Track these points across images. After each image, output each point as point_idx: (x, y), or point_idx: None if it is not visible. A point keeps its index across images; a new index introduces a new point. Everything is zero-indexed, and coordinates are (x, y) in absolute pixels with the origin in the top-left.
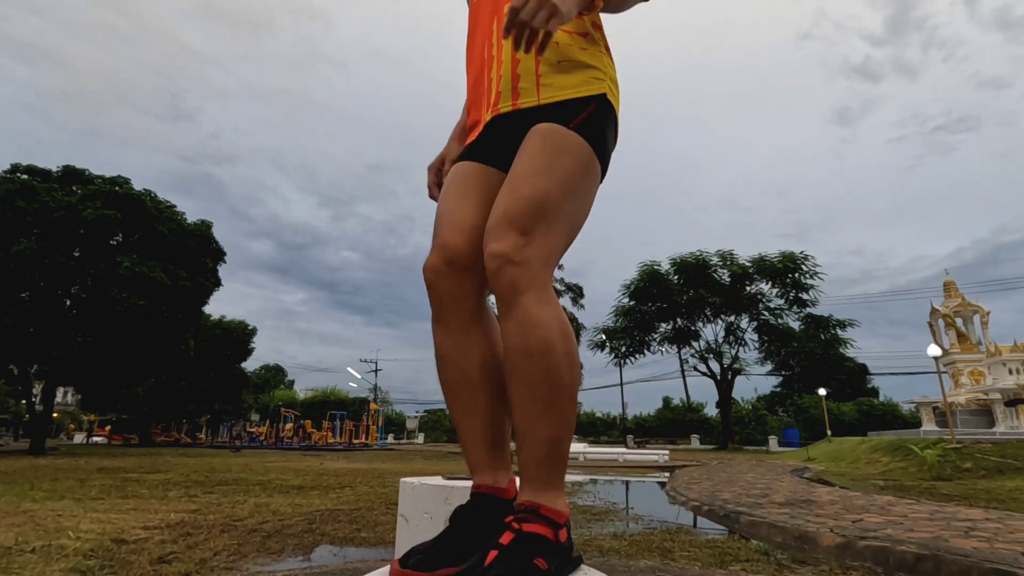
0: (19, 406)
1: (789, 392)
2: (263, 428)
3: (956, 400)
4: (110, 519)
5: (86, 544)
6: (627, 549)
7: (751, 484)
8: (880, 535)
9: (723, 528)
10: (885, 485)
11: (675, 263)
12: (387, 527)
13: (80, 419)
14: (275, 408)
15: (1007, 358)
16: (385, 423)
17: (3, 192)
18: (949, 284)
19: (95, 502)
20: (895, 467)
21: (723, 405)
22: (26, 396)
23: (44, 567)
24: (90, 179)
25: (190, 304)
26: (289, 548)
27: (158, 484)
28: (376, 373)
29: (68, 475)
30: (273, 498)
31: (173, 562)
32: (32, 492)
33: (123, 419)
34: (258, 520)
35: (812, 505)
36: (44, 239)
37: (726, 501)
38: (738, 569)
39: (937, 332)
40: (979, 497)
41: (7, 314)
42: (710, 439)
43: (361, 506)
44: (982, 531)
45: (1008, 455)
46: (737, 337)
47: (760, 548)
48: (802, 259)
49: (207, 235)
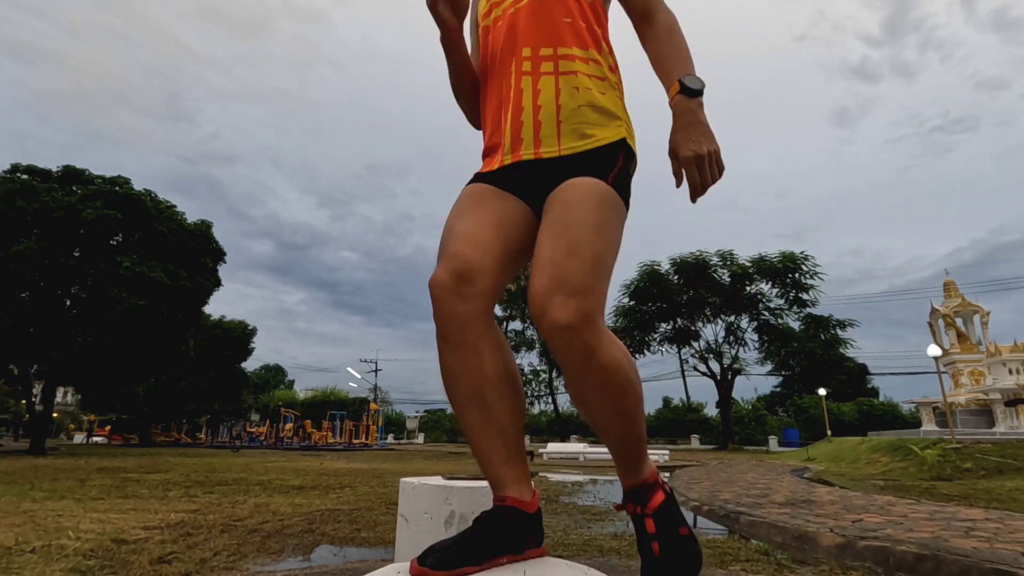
0: (19, 406)
1: (789, 392)
2: (263, 428)
3: (956, 400)
4: (110, 519)
5: (86, 544)
6: (627, 549)
7: (751, 484)
8: (880, 535)
9: (723, 528)
10: (885, 485)
11: (675, 263)
12: (387, 527)
13: (80, 419)
14: (275, 408)
15: (1007, 358)
16: (385, 423)
17: (3, 192)
18: (949, 284)
19: (95, 502)
20: (895, 467)
21: (723, 405)
22: (26, 396)
23: (44, 567)
24: (90, 179)
25: (190, 304)
26: (289, 548)
27: (158, 484)
28: (376, 373)
29: (68, 475)
30: (273, 498)
31: (173, 562)
32: (32, 492)
33: (123, 419)
34: (258, 520)
35: (812, 505)
36: (44, 239)
37: (726, 501)
38: (738, 569)
39: (937, 332)
40: (979, 497)
41: (7, 314)
42: (710, 439)
43: (361, 506)
44: (982, 531)
45: (1008, 455)
46: (737, 337)
47: (760, 548)
48: (802, 259)
49: (207, 235)
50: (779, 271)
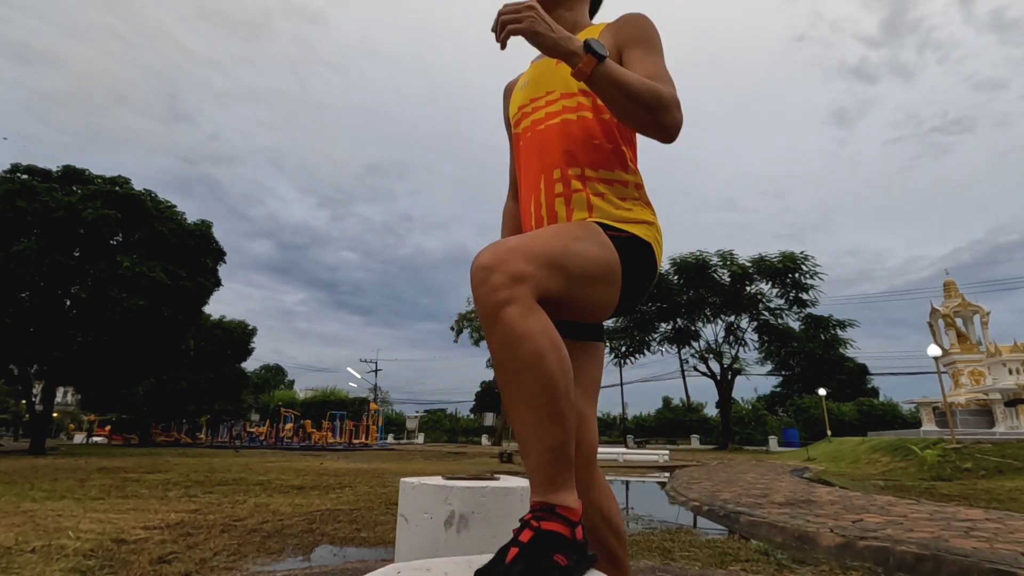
0: (19, 406)
1: (789, 392)
2: (263, 428)
3: (956, 400)
4: (110, 519)
5: (86, 544)
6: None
7: (751, 484)
8: (880, 535)
9: (723, 528)
10: (885, 485)
11: (675, 263)
12: (387, 527)
13: (80, 419)
14: (275, 408)
15: (1007, 358)
16: (385, 423)
17: (3, 192)
18: (949, 284)
19: (95, 502)
20: (895, 467)
21: (723, 405)
22: (26, 396)
23: (44, 567)
24: (90, 179)
25: (190, 304)
26: (289, 548)
27: (158, 484)
28: (376, 373)
29: (68, 475)
30: (273, 498)
31: (173, 562)
32: (32, 492)
33: (123, 419)
34: (258, 520)
35: (812, 505)
36: (44, 239)
37: (726, 501)
38: (738, 569)
39: (937, 332)
40: (979, 497)
41: (7, 314)
42: (710, 439)
43: (361, 506)
44: (982, 531)
45: (1008, 455)
46: (737, 337)
47: (760, 548)
48: (802, 259)
49: (207, 235)
50: (779, 271)
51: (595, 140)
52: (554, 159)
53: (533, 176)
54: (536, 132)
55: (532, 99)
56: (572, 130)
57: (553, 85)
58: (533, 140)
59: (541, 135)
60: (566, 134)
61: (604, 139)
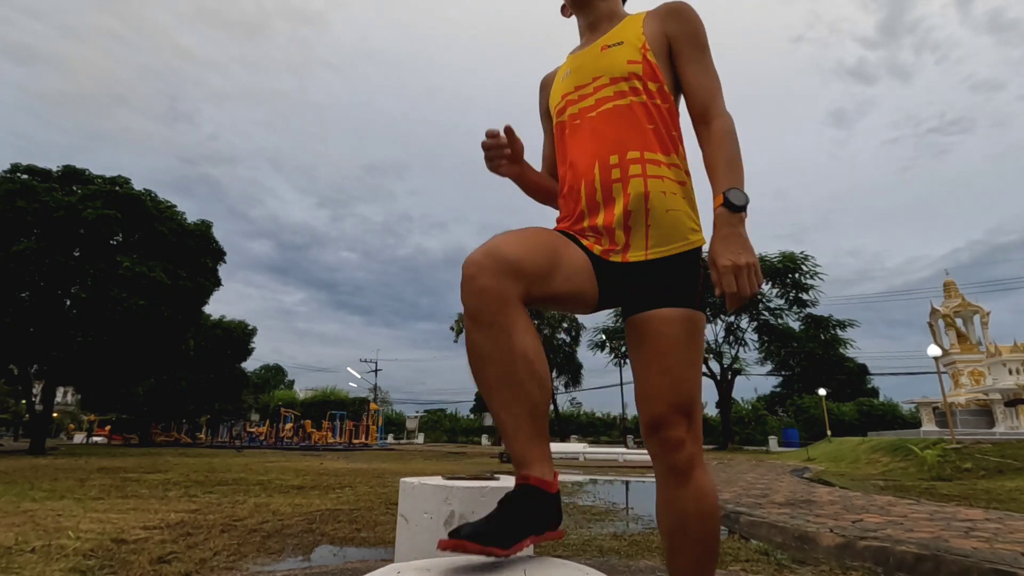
0: (19, 406)
1: (789, 392)
2: (263, 428)
3: (956, 400)
4: (110, 519)
5: (86, 544)
6: (627, 549)
7: (751, 484)
8: (880, 535)
9: (723, 528)
10: (885, 485)
11: None
12: (387, 527)
13: (80, 419)
14: (275, 408)
15: (1007, 358)
16: (385, 423)
17: (3, 192)
18: (949, 284)
19: (95, 502)
20: (895, 467)
21: (723, 405)
22: (26, 396)
23: (44, 567)
24: (90, 179)
25: (190, 304)
26: (289, 548)
27: (158, 484)
28: (376, 373)
29: (68, 475)
30: (273, 498)
31: (173, 562)
32: (32, 492)
33: (123, 419)
34: (258, 520)
35: (812, 505)
36: (44, 239)
37: (726, 501)
38: (738, 569)
39: (937, 332)
40: (979, 497)
41: (7, 314)
42: (710, 439)
43: (361, 506)
44: (982, 531)
45: (1008, 455)
46: (737, 337)
47: (760, 548)
48: (802, 259)
49: (207, 235)
50: (779, 271)
51: (650, 124)
52: (609, 144)
53: (586, 161)
54: (586, 119)
55: (577, 87)
56: (625, 115)
57: (600, 71)
58: (583, 126)
59: (592, 121)
60: (620, 119)
61: (659, 123)
